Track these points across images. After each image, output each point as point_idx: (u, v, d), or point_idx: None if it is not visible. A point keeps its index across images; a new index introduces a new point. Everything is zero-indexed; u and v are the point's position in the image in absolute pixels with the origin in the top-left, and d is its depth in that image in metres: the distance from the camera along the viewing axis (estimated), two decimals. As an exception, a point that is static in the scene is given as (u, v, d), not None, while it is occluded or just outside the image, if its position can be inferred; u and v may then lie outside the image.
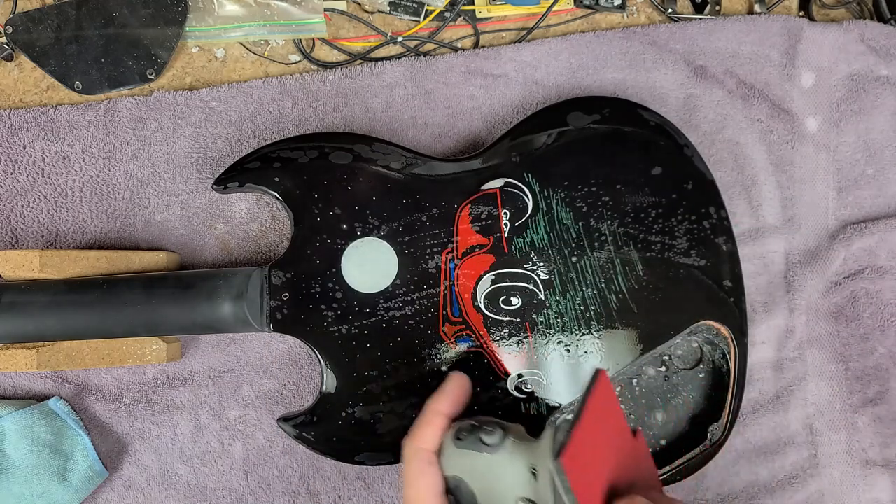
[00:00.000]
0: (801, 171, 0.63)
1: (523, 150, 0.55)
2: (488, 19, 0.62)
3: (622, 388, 0.54)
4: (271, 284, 0.51)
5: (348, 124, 0.59)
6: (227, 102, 0.58)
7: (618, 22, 0.64)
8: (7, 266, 0.52)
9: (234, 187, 0.53)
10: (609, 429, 0.35)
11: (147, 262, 0.55)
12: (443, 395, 0.41)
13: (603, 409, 0.34)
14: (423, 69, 0.60)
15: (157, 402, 0.57)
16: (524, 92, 0.61)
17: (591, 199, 0.54)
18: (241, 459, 0.58)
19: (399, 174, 0.54)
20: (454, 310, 0.53)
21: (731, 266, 0.55)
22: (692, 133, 0.60)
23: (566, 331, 0.53)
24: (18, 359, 0.52)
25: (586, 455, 0.32)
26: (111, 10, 0.57)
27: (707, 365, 0.55)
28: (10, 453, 0.53)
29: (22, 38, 0.57)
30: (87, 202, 0.57)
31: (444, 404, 0.40)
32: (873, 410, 0.62)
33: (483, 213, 0.54)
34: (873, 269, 0.62)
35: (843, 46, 0.63)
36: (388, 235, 0.53)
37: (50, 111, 0.57)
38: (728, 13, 0.65)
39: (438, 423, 0.39)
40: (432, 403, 0.40)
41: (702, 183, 0.55)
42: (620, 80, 0.61)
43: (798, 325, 0.61)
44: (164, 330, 0.52)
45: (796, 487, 0.61)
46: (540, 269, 0.53)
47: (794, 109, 0.63)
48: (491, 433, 0.37)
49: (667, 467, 0.53)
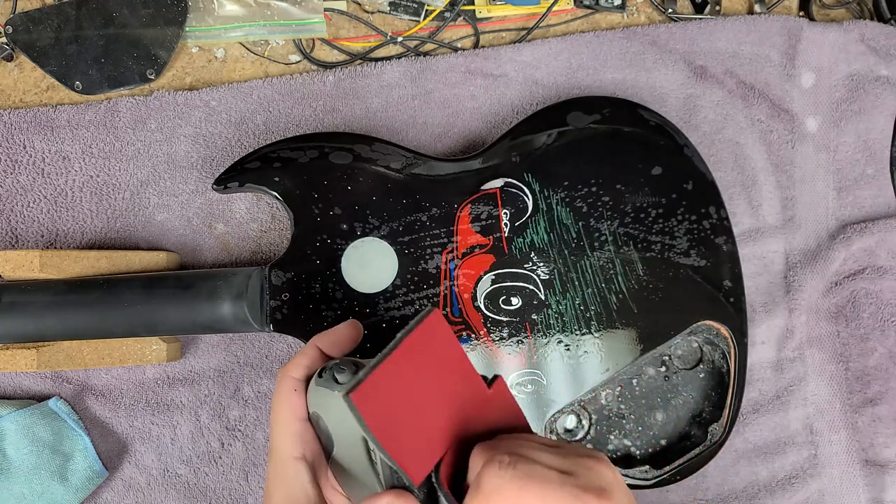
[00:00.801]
0: (801, 171, 0.63)
1: (523, 150, 0.55)
2: (488, 19, 0.62)
3: (622, 388, 0.54)
4: (271, 284, 0.51)
5: (348, 124, 0.59)
6: (227, 102, 0.58)
7: (618, 22, 0.64)
8: (7, 266, 0.52)
9: (234, 187, 0.53)
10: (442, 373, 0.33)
11: (147, 262, 0.55)
12: (327, 332, 0.41)
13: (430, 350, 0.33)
14: (423, 69, 0.60)
15: (157, 402, 0.57)
16: (524, 92, 0.61)
17: (591, 199, 0.54)
18: (241, 459, 0.58)
19: (399, 174, 0.54)
20: (454, 310, 0.53)
21: (731, 266, 0.55)
22: (692, 133, 0.60)
23: (566, 331, 0.53)
24: (18, 359, 0.52)
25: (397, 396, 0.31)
26: (111, 10, 0.57)
27: (707, 365, 0.55)
28: (10, 453, 0.53)
29: (22, 38, 0.57)
30: (87, 202, 0.57)
31: (323, 340, 0.41)
32: (873, 410, 0.62)
33: (483, 213, 0.54)
34: (873, 269, 0.62)
35: (843, 46, 0.63)
36: (388, 235, 0.53)
37: (50, 111, 0.57)
38: (728, 13, 0.65)
39: (311, 355, 0.40)
40: (314, 338, 0.41)
41: (702, 183, 0.55)
42: (620, 80, 0.61)
43: (798, 325, 0.61)
44: (164, 330, 0.52)
45: (796, 487, 0.61)
46: (540, 269, 0.53)
47: (794, 109, 0.63)
48: (342, 371, 0.37)
49: (667, 467, 0.53)
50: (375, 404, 0.31)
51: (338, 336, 0.41)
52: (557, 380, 0.53)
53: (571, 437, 0.54)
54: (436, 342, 0.33)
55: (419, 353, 0.33)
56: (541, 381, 0.53)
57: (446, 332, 0.34)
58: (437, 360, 0.33)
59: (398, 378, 0.32)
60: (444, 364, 0.34)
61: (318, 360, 0.40)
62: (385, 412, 0.31)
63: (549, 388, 0.53)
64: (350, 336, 0.41)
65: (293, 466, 0.38)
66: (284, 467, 0.38)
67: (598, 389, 0.53)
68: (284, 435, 0.38)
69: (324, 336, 0.41)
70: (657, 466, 0.53)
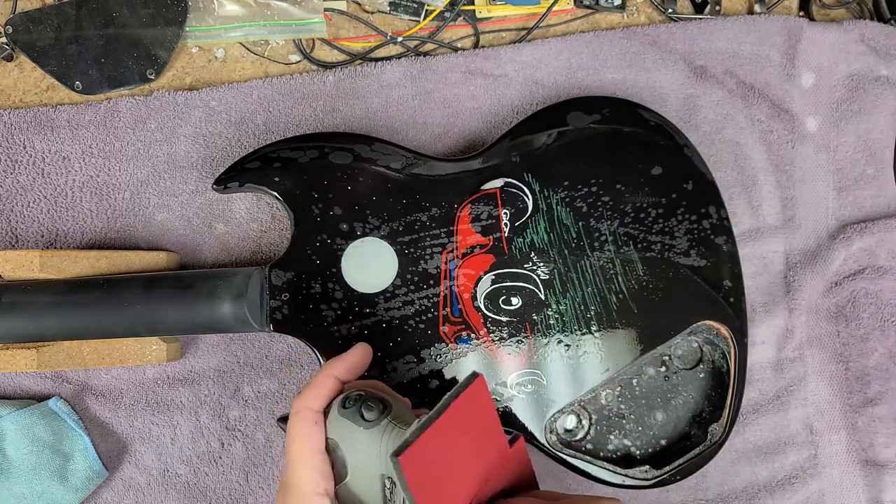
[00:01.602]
0: (801, 171, 0.63)
1: (523, 150, 0.55)
2: (488, 19, 0.62)
3: (622, 388, 0.54)
4: (271, 284, 0.51)
5: (348, 124, 0.59)
6: (227, 102, 0.58)
7: (618, 22, 0.64)
8: (7, 266, 0.52)
9: (234, 187, 0.53)
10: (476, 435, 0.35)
11: (147, 262, 0.55)
12: (340, 360, 0.41)
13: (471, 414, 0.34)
14: (423, 69, 0.60)
15: (157, 402, 0.57)
16: (524, 92, 0.61)
17: (591, 199, 0.54)
18: (241, 459, 0.58)
19: (399, 174, 0.54)
20: (454, 310, 0.53)
21: (731, 266, 0.55)
22: (692, 133, 0.60)
23: (566, 331, 0.53)
24: (18, 359, 0.52)
25: (438, 457, 0.33)
26: (111, 10, 0.57)
27: (707, 365, 0.55)
28: (10, 453, 0.53)
29: (22, 38, 0.57)
30: (87, 202, 0.57)
31: (338, 369, 0.41)
32: (873, 410, 0.62)
33: (483, 213, 0.54)
34: (873, 269, 0.62)
35: (843, 46, 0.63)
36: (388, 235, 0.53)
37: (50, 111, 0.57)
38: (728, 13, 0.65)
39: (329, 386, 0.40)
40: (328, 366, 0.41)
41: (702, 183, 0.55)
42: (620, 80, 0.61)
43: (798, 325, 0.61)
44: (164, 330, 0.52)
45: (796, 487, 0.61)
46: (540, 269, 0.53)
47: (794, 109, 0.63)
48: (371, 409, 0.38)
49: (667, 467, 0.53)
50: (420, 466, 0.32)
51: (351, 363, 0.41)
52: (557, 380, 0.53)
53: (571, 437, 0.54)
54: (477, 406, 0.35)
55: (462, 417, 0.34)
56: (541, 381, 0.53)
57: (486, 397, 0.35)
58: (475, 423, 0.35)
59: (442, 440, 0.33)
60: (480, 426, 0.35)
61: (335, 389, 0.40)
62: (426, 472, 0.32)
63: (549, 388, 0.53)
64: (363, 361, 0.42)
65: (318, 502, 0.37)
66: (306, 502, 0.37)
67: (598, 389, 0.53)
68: (306, 470, 0.38)
69: (337, 363, 0.41)
70: (657, 466, 0.53)
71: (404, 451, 0.31)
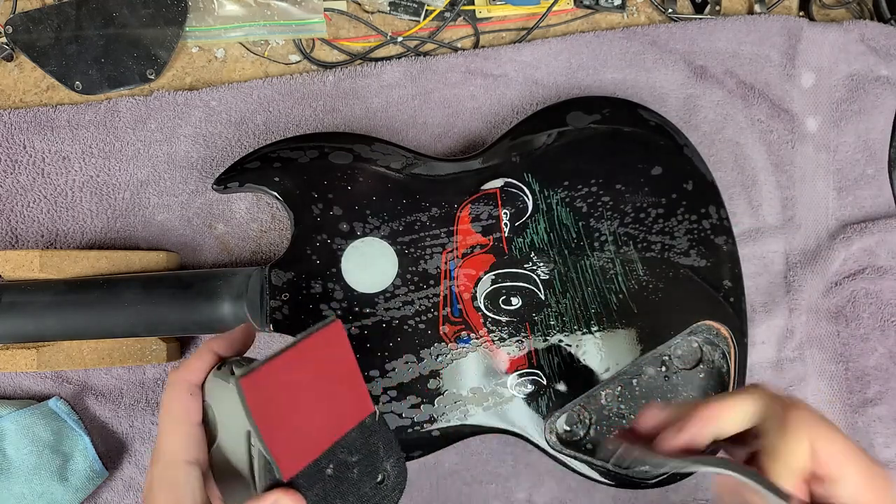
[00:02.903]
0: (801, 171, 0.63)
1: (523, 150, 0.55)
2: (488, 19, 0.62)
3: (622, 388, 0.54)
4: (271, 284, 0.51)
5: (348, 124, 0.59)
6: (227, 102, 0.58)
7: (618, 22, 0.64)
8: (7, 266, 0.52)
9: (234, 187, 0.53)
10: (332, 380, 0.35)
11: (147, 262, 0.55)
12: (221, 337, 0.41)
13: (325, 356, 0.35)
14: (423, 69, 0.60)
15: (157, 402, 0.57)
16: (524, 92, 0.61)
17: (591, 199, 0.54)
18: (241, 459, 0.58)
19: (399, 174, 0.54)
20: (454, 310, 0.53)
21: (731, 266, 0.55)
22: (692, 133, 0.60)
23: (566, 331, 0.53)
24: (18, 359, 0.52)
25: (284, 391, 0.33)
26: (111, 10, 0.57)
27: (707, 365, 0.55)
28: (10, 453, 0.53)
29: (22, 38, 0.57)
30: (87, 202, 0.57)
31: (218, 343, 0.40)
32: (873, 410, 0.62)
33: (483, 213, 0.54)
34: (873, 269, 0.62)
35: (843, 46, 0.63)
36: (388, 235, 0.53)
37: (50, 111, 0.57)
38: (728, 13, 0.65)
39: (206, 358, 0.39)
40: (207, 342, 0.40)
41: (702, 183, 0.55)
42: (620, 80, 0.61)
43: (798, 325, 0.61)
44: (164, 330, 0.52)
45: (796, 487, 0.61)
46: (540, 269, 0.53)
47: (794, 109, 0.63)
48: (241, 365, 0.37)
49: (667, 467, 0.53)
50: (263, 394, 0.32)
51: (232, 339, 0.40)
52: (557, 380, 0.53)
53: (571, 437, 0.54)
54: (331, 350, 0.35)
55: (314, 357, 0.34)
56: (541, 381, 0.53)
57: (343, 344, 0.36)
58: (329, 368, 0.35)
59: (289, 375, 0.33)
60: (335, 372, 0.36)
61: (213, 363, 0.39)
62: (271, 404, 0.32)
63: (549, 389, 0.53)
64: (244, 339, 0.41)
65: (184, 470, 0.36)
66: (173, 471, 0.36)
67: (598, 389, 0.53)
68: (176, 436, 0.37)
69: (218, 339, 0.40)
70: (657, 466, 0.53)
71: (247, 375, 0.31)
